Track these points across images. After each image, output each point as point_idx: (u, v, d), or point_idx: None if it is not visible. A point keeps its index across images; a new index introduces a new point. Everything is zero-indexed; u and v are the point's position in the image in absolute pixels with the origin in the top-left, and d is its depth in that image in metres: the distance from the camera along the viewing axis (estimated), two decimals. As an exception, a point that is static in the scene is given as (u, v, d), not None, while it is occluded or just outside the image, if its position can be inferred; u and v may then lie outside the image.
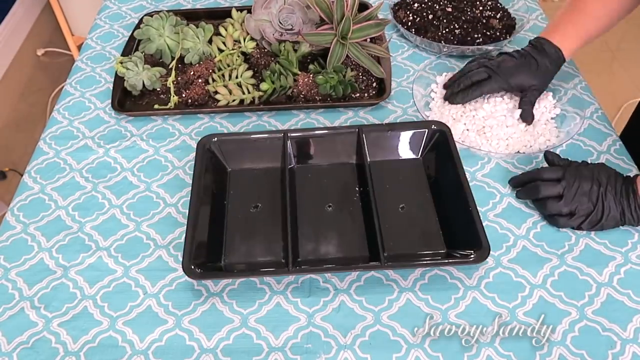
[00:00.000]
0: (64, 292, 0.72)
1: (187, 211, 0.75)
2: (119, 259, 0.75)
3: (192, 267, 0.69)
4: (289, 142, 0.83)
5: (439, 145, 0.82)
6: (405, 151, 0.85)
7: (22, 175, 0.87)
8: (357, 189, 0.81)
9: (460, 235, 0.74)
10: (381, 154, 0.83)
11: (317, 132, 0.84)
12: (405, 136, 0.84)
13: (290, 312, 0.70)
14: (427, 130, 0.83)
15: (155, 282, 0.73)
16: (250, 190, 0.82)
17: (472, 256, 0.70)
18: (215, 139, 0.83)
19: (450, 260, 0.73)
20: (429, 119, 0.89)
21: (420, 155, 0.85)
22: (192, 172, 0.84)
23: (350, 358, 0.66)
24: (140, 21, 1.07)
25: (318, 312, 0.70)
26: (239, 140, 0.84)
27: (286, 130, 0.84)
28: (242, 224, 0.78)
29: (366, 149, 0.82)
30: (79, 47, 1.88)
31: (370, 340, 0.67)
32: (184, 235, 0.72)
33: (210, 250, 0.74)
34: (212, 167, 0.82)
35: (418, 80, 0.93)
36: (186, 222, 0.73)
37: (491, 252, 0.74)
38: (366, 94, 0.95)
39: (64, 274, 0.74)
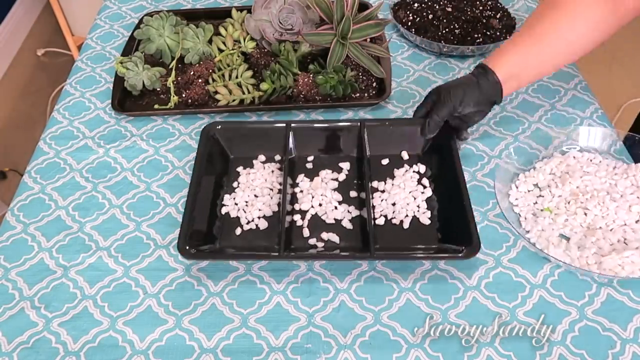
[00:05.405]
0: (64, 292, 0.72)
1: (186, 195, 0.76)
2: (119, 259, 0.75)
3: (187, 247, 0.71)
4: (291, 133, 0.84)
5: (440, 141, 0.83)
6: (405, 146, 0.85)
7: (22, 175, 0.87)
8: (355, 182, 0.82)
9: (454, 231, 0.75)
10: (381, 148, 0.84)
11: (319, 124, 0.86)
12: (406, 132, 0.85)
13: (290, 312, 0.70)
14: None
15: (155, 282, 0.73)
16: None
17: (461, 253, 0.70)
18: (220, 126, 0.85)
19: (440, 255, 0.74)
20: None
21: (421, 151, 0.85)
22: (192, 172, 0.84)
23: (350, 358, 0.66)
24: (140, 21, 1.07)
25: (318, 312, 0.70)
26: (243, 129, 0.86)
27: (289, 121, 0.85)
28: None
29: (367, 143, 0.83)
30: (79, 47, 1.88)
31: (370, 340, 0.67)
32: (181, 217, 0.73)
33: (207, 234, 0.75)
34: (215, 154, 0.84)
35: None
36: (185, 204, 0.75)
37: (491, 252, 0.74)
38: (366, 94, 0.95)
39: (64, 274, 0.74)
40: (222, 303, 0.71)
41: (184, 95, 0.94)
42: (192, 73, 0.95)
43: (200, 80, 0.95)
